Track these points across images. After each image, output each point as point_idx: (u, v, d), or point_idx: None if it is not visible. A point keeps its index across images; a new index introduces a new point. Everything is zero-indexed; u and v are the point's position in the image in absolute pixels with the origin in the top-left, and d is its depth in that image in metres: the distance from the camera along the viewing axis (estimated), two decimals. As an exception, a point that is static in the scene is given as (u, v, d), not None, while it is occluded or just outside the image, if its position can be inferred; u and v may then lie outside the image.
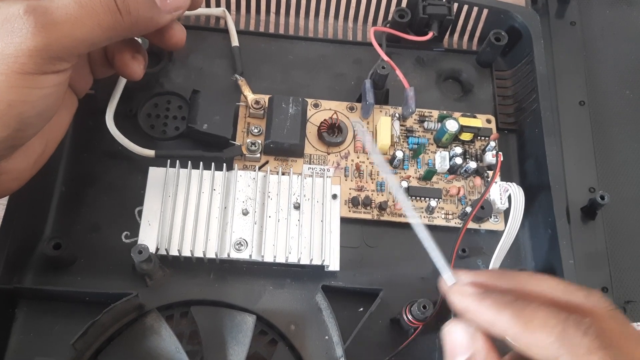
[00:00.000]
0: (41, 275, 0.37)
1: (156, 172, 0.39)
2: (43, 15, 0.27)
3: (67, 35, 0.28)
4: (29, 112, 0.29)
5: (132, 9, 0.30)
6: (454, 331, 0.27)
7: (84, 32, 0.29)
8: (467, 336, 0.26)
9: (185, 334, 0.36)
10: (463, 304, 0.27)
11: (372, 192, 0.42)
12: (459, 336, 0.27)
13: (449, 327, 0.27)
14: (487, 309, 0.25)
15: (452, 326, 0.27)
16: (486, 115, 0.45)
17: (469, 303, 0.26)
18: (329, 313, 0.37)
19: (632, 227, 0.46)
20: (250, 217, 0.38)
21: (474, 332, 0.26)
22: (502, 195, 0.41)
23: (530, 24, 0.46)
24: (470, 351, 0.26)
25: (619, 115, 0.50)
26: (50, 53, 0.28)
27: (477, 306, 0.26)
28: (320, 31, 0.50)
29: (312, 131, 0.43)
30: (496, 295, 0.26)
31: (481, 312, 0.26)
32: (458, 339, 0.27)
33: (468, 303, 0.26)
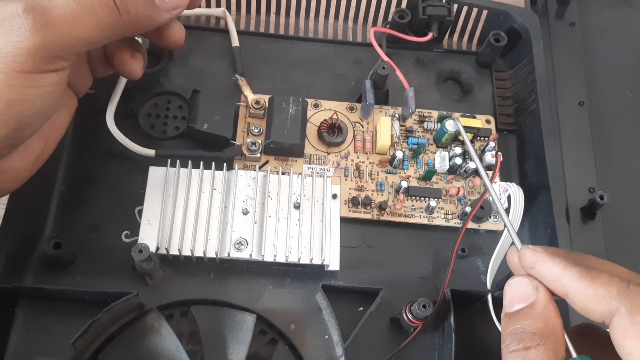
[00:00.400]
0: (41, 275, 0.37)
1: (156, 172, 0.39)
2: (42, 14, 0.27)
3: (65, 34, 0.28)
4: (27, 111, 0.29)
5: (131, 7, 0.30)
6: (519, 282, 0.28)
7: (82, 31, 0.29)
8: (531, 287, 0.27)
9: (185, 333, 0.36)
10: (534, 258, 0.28)
11: (372, 192, 0.42)
12: (522, 287, 0.28)
13: (513, 279, 0.29)
14: (556, 264, 0.27)
15: (517, 279, 0.28)
16: (486, 115, 0.46)
17: (540, 257, 0.28)
18: (329, 312, 0.37)
19: (632, 227, 0.46)
20: (251, 217, 0.38)
21: (537, 284, 0.27)
22: (501, 195, 0.41)
23: (530, 24, 0.46)
24: (531, 300, 0.27)
25: (618, 116, 0.50)
26: (49, 52, 0.28)
27: (548, 260, 0.27)
28: (320, 32, 0.50)
29: (312, 131, 0.43)
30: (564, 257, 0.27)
31: (550, 266, 0.27)
32: (521, 289, 0.28)
33: (539, 257, 0.28)
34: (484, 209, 0.40)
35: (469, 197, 0.42)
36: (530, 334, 0.26)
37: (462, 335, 0.36)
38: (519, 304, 0.28)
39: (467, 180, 0.43)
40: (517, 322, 0.27)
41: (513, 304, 0.28)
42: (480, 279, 0.40)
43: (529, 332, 0.26)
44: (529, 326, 0.27)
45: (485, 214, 0.40)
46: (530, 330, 0.27)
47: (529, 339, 0.26)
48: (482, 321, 0.38)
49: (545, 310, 0.27)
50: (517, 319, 0.27)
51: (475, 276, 0.40)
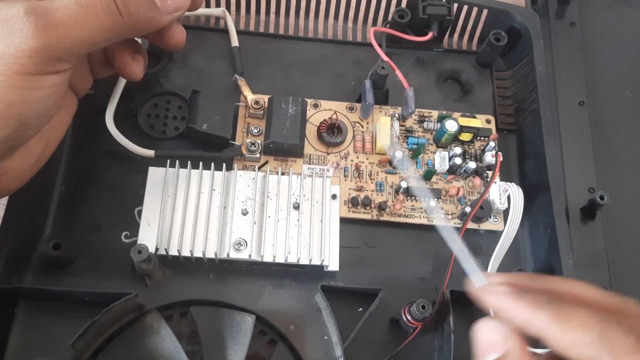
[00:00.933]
0: (41, 275, 0.37)
1: (156, 172, 0.39)
2: (43, 16, 0.28)
3: (67, 36, 0.28)
4: (28, 113, 0.29)
5: (132, 9, 0.30)
6: (487, 329, 0.26)
7: (84, 33, 0.29)
8: (501, 335, 0.25)
9: (184, 334, 0.36)
10: (497, 303, 0.26)
11: (372, 192, 0.42)
12: (491, 334, 0.26)
13: (481, 325, 0.26)
14: (524, 308, 0.25)
15: (485, 324, 0.26)
16: (486, 115, 0.45)
17: (504, 301, 0.26)
18: (328, 313, 0.37)
19: (632, 227, 0.46)
20: (250, 217, 0.38)
21: (507, 331, 0.25)
22: (501, 195, 0.41)
23: (530, 24, 0.46)
24: (502, 350, 0.25)
25: (618, 116, 0.50)
26: (51, 54, 0.28)
27: (513, 304, 0.25)
28: (320, 31, 0.50)
29: (312, 131, 0.43)
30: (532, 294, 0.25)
31: (517, 311, 0.25)
32: (490, 337, 0.26)
33: (503, 301, 0.26)
34: (484, 209, 0.40)
35: (468, 197, 0.42)
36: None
37: (461, 336, 0.36)
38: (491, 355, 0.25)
39: (467, 180, 0.43)
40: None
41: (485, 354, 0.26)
42: (480, 279, 0.40)
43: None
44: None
45: (485, 214, 0.40)
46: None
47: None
48: (482, 322, 0.38)
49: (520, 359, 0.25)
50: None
51: (475, 276, 0.40)
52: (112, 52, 0.35)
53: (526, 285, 0.27)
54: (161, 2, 0.32)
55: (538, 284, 0.27)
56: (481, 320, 0.26)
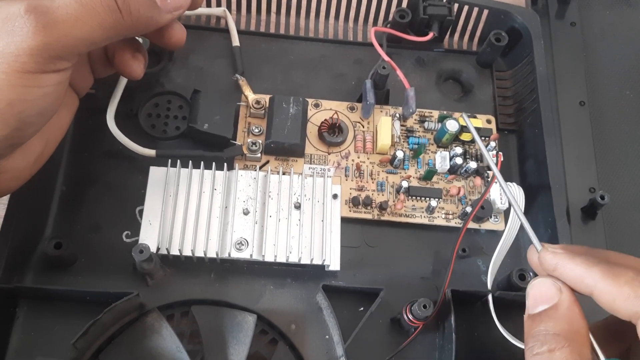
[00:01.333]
0: (42, 275, 0.37)
1: (157, 172, 0.39)
2: (44, 15, 0.28)
3: (67, 35, 0.28)
4: (29, 111, 0.29)
5: (132, 8, 0.30)
6: (542, 284, 0.28)
7: (84, 32, 0.29)
8: (554, 288, 0.27)
9: (186, 333, 0.36)
10: (554, 261, 0.28)
11: (373, 192, 0.42)
12: (545, 288, 0.28)
13: (536, 281, 0.28)
14: (578, 265, 0.27)
15: (540, 279, 0.28)
16: (486, 115, 0.45)
17: (561, 259, 0.27)
18: (329, 312, 0.37)
19: (633, 227, 0.46)
20: (251, 217, 0.38)
21: (560, 285, 0.27)
22: (502, 195, 0.41)
23: (531, 24, 0.46)
24: (554, 301, 0.27)
25: (619, 116, 0.50)
26: (51, 52, 0.28)
27: (569, 262, 0.27)
28: (320, 31, 0.50)
29: (313, 131, 0.43)
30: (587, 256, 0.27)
31: (572, 268, 0.27)
32: (544, 290, 0.28)
33: (560, 259, 0.28)
34: (485, 209, 0.40)
35: (469, 197, 0.42)
36: (555, 335, 0.26)
37: (462, 335, 0.36)
38: (542, 306, 0.27)
39: (467, 180, 0.43)
40: (540, 324, 0.27)
41: (536, 306, 0.28)
42: (481, 279, 0.40)
43: (553, 334, 0.26)
44: (553, 328, 0.26)
45: (486, 214, 0.40)
46: (554, 332, 0.26)
47: (553, 341, 0.26)
48: (483, 321, 0.38)
49: (569, 311, 0.27)
50: (541, 320, 0.27)
51: (476, 276, 0.40)
52: (112, 51, 0.35)
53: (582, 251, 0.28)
54: (161, 0, 0.32)
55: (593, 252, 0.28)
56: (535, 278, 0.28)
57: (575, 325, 0.26)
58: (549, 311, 0.27)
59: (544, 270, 0.28)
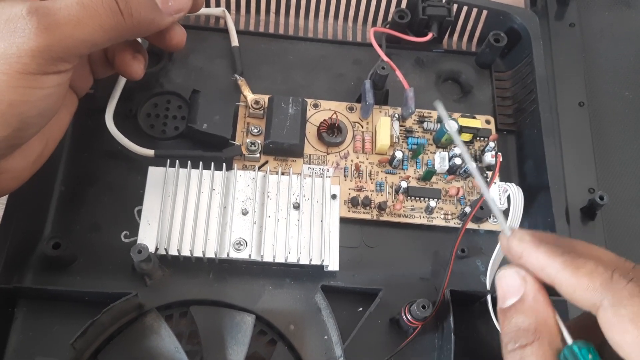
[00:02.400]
0: (41, 275, 0.37)
1: (156, 172, 0.39)
2: (46, 16, 0.28)
3: (69, 36, 0.28)
4: (29, 112, 0.29)
5: (134, 10, 0.30)
6: (507, 275, 0.28)
7: (86, 33, 0.29)
8: (519, 278, 0.27)
9: (184, 333, 0.36)
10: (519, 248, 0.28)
11: (372, 192, 0.42)
12: (510, 279, 0.28)
13: (502, 271, 0.28)
14: (542, 254, 0.27)
15: (505, 270, 0.28)
16: (485, 116, 0.46)
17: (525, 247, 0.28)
18: (328, 313, 0.37)
19: (632, 227, 0.46)
20: (250, 217, 0.38)
21: (525, 275, 0.27)
22: (501, 195, 0.41)
23: (530, 25, 0.46)
24: (520, 293, 0.27)
25: (618, 116, 0.50)
26: (52, 54, 0.28)
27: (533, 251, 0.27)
28: (320, 31, 0.50)
29: (312, 131, 0.43)
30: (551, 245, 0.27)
31: (535, 256, 0.27)
32: (509, 282, 0.28)
33: (524, 247, 0.28)
34: (484, 209, 0.40)
35: (468, 198, 0.42)
36: (524, 331, 0.26)
37: (461, 335, 0.36)
38: (511, 298, 0.27)
39: (466, 180, 0.43)
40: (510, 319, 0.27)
41: (505, 298, 0.28)
42: (480, 279, 0.40)
43: (523, 329, 0.26)
44: (522, 322, 0.27)
45: (485, 214, 0.40)
46: (523, 327, 0.26)
47: (523, 336, 0.26)
48: (482, 322, 0.38)
49: (535, 302, 0.27)
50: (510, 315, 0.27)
51: (475, 277, 0.40)
52: (112, 51, 0.35)
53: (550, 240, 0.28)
54: (163, 3, 0.32)
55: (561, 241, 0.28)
56: (502, 268, 0.28)
57: (541, 316, 0.27)
58: (516, 305, 0.27)
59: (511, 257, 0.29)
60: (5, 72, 0.27)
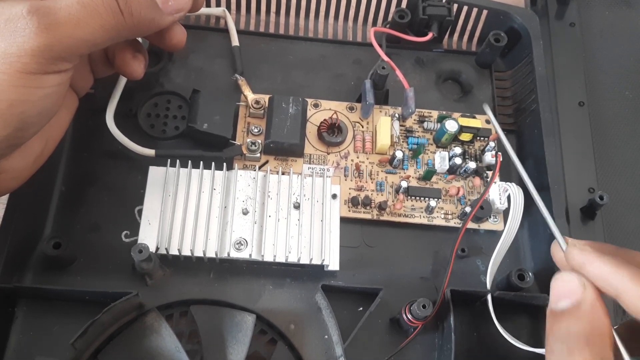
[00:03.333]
0: (41, 275, 0.37)
1: (156, 172, 0.39)
2: (46, 16, 0.28)
3: (69, 36, 0.28)
4: (30, 112, 0.29)
5: (134, 10, 0.30)
6: (566, 278, 0.27)
7: (86, 33, 0.29)
8: (579, 284, 0.26)
9: (185, 333, 0.36)
10: (582, 257, 0.27)
11: (372, 192, 0.42)
12: (569, 283, 0.27)
13: (560, 275, 0.27)
14: (606, 264, 0.26)
15: (564, 274, 0.27)
16: (485, 115, 0.45)
17: (589, 256, 0.27)
18: (328, 312, 0.37)
19: (632, 227, 0.46)
20: (250, 217, 0.38)
21: (585, 282, 0.26)
22: (501, 195, 0.41)
23: (530, 25, 0.46)
24: (577, 297, 0.26)
25: (618, 116, 0.50)
26: (53, 53, 0.28)
27: (597, 260, 0.26)
28: (320, 31, 0.50)
29: (312, 131, 0.43)
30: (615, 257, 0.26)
31: (599, 266, 0.26)
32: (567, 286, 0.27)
33: (587, 256, 0.27)
34: (484, 209, 0.40)
35: (468, 197, 0.42)
36: (576, 336, 0.25)
37: (461, 335, 0.36)
38: (565, 301, 0.26)
39: (466, 180, 0.43)
40: (562, 321, 0.26)
41: (559, 300, 0.27)
42: (480, 279, 0.40)
43: (574, 333, 0.25)
44: (574, 327, 0.26)
45: (485, 214, 0.40)
46: (575, 331, 0.25)
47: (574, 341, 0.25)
48: (482, 321, 0.38)
49: (592, 310, 0.26)
50: (562, 318, 0.26)
51: (475, 276, 0.40)
52: (112, 51, 0.35)
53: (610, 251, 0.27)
54: (163, 3, 0.32)
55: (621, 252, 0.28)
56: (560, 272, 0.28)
57: (597, 325, 0.26)
58: (571, 309, 0.26)
59: (571, 267, 0.28)
60: (5, 72, 0.27)
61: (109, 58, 0.36)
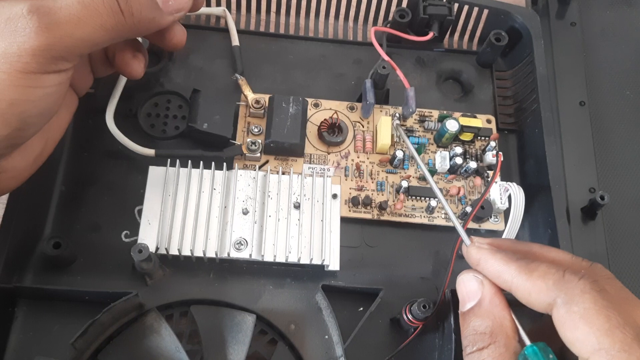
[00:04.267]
0: (41, 275, 0.37)
1: (156, 172, 0.39)
2: (46, 15, 0.28)
3: (69, 35, 0.28)
4: (30, 111, 0.29)
5: (134, 10, 0.30)
6: (466, 279, 0.29)
7: (86, 33, 0.29)
8: (476, 282, 0.29)
9: (185, 333, 0.36)
10: (477, 256, 0.29)
11: (372, 192, 0.42)
12: (468, 284, 0.29)
13: (461, 276, 0.30)
14: (498, 261, 0.28)
15: (464, 275, 0.30)
16: (486, 115, 0.45)
17: (483, 255, 0.29)
18: (329, 313, 0.37)
19: (632, 227, 0.46)
20: (250, 217, 0.38)
21: (482, 279, 0.29)
22: (502, 195, 0.41)
23: (531, 24, 0.46)
24: (478, 296, 0.28)
25: (619, 116, 0.50)
26: (53, 53, 0.28)
27: (490, 257, 0.28)
28: (320, 31, 0.50)
29: (313, 131, 0.43)
30: (507, 252, 0.29)
31: (492, 263, 0.28)
32: (468, 287, 0.29)
33: (482, 255, 0.29)
34: (485, 209, 0.40)
35: (469, 197, 0.42)
36: (481, 334, 0.27)
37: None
38: (470, 302, 0.29)
39: (467, 180, 0.43)
40: (469, 322, 0.28)
41: (465, 302, 0.29)
42: (481, 279, 0.40)
43: (480, 332, 0.27)
44: (479, 326, 0.28)
45: (486, 214, 0.40)
46: (480, 330, 0.27)
47: (480, 339, 0.27)
48: (483, 321, 0.37)
49: (491, 305, 0.28)
50: (469, 318, 0.28)
51: (476, 276, 0.40)
52: (112, 50, 0.35)
53: (508, 246, 0.30)
54: (163, 2, 0.32)
55: (517, 246, 0.30)
56: (461, 273, 0.30)
57: (498, 319, 0.27)
58: (474, 309, 0.28)
59: (470, 265, 0.30)
60: (5, 71, 0.27)
61: (109, 57, 0.36)
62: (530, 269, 0.27)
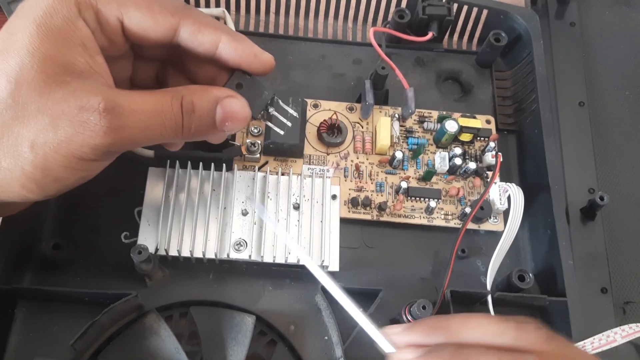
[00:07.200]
0: (40, 276, 0.37)
1: (156, 173, 0.39)
2: (119, 117, 0.27)
3: (132, 139, 0.28)
4: (71, 186, 0.29)
5: (193, 127, 0.30)
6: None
7: (145, 137, 0.29)
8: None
9: (184, 334, 0.36)
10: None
11: (372, 193, 0.42)
12: None
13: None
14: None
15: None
16: (486, 115, 0.45)
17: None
18: (328, 313, 0.37)
19: (632, 227, 0.46)
20: (250, 218, 0.38)
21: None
22: (501, 195, 0.41)
23: (530, 24, 0.46)
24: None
25: (618, 116, 0.50)
26: (112, 149, 0.28)
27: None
28: (320, 31, 0.50)
29: (312, 131, 0.43)
30: (434, 355, 0.27)
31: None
32: None
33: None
34: (484, 209, 0.40)
35: (468, 198, 0.42)
36: None
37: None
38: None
39: (467, 180, 0.43)
40: None
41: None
42: (480, 279, 0.40)
43: None
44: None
45: (485, 214, 0.40)
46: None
47: None
48: (482, 322, 0.37)
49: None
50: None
51: (475, 277, 0.40)
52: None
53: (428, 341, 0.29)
54: (220, 124, 0.32)
55: (440, 336, 0.28)
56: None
57: None
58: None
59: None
60: (63, 155, 0.27)
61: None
62: None
